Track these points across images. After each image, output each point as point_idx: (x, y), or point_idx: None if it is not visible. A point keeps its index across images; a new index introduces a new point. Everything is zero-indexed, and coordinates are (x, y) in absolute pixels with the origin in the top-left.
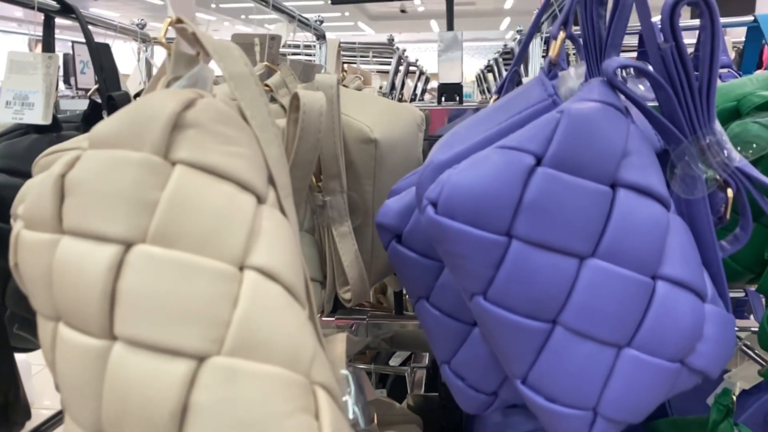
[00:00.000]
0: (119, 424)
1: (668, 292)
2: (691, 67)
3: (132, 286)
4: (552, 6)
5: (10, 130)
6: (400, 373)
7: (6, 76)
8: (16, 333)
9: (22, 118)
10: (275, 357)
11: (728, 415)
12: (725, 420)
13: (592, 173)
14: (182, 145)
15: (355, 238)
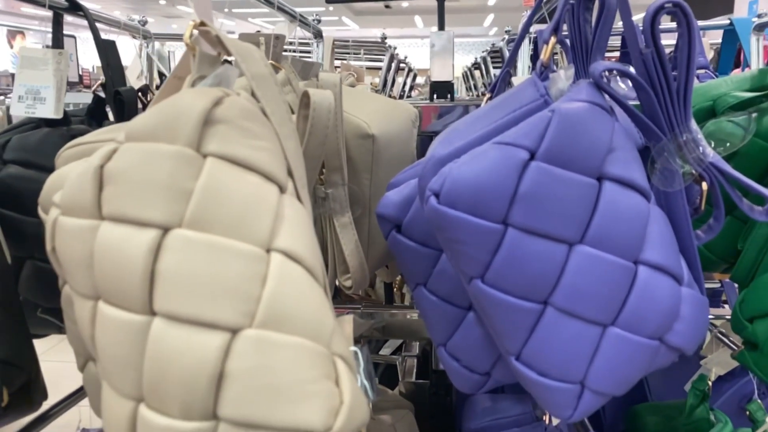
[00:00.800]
0: (160, 391)
1: (649, 276)
2: (669, 70)
3: (170, 266)
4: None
5: (21, 124)
6: (392, 362)
7: (18, 71)
8: (39, 317)
9: (34, 112)
10: (300, 329)
11: (704, 400)
12: (701, 404)
13: (580, 167)
14: (213, 139)
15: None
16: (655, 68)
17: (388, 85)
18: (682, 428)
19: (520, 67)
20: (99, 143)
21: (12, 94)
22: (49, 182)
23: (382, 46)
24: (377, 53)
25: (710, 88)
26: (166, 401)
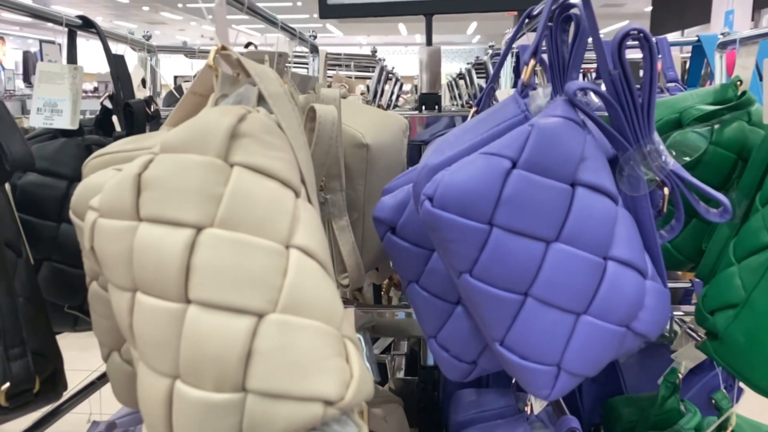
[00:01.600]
0: (195, 368)
1: (616, 270)
2: (634, 89)
3: (203, 260)
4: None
5: (39, 134)
6: (381, 360)
7: (36, 85)
8: (66, 312)
9: (52, 123)
10: (316, 314)
11: (675, 392)
12: (672, 396)
13: (556, 174)
14: (238, 150)
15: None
16: (621, 87)
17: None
18: (655, 418)
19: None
20: (122, 153)
21: (31, 106)
22: (81, 189)
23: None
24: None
25: (677, 101)
26: (201, 377)
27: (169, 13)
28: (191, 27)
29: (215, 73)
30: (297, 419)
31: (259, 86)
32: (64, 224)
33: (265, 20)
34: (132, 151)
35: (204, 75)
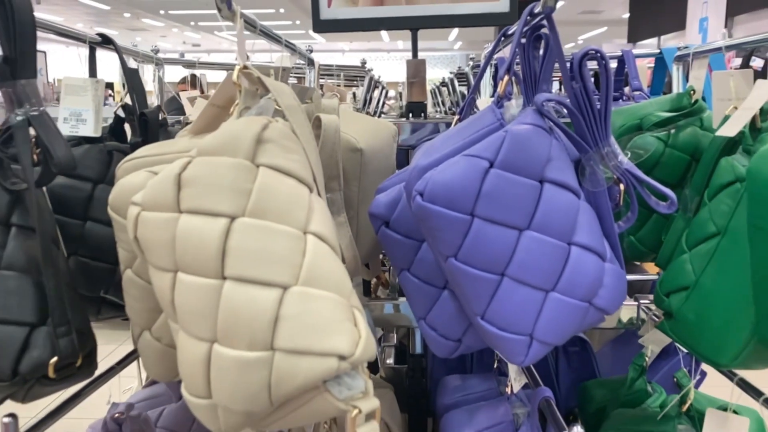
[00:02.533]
0: (231, 333)
1: (579, 254)
2: (593, 100)
3: (237, 244)
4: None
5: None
6: None
7: (62, 97)
8: (90, 301)
9: (77, 131)
10: (330, 287)
11: (642, 374)
12: (640, 377)
13: (526, 172)
14: (263, 153)
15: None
16: (582, 99)
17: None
18: (624, 398)
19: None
20: (150, 157)
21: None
22: (118, 189)
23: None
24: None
25: (638, 109)
26: (236, 339)
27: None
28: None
29: (238, 89)
30: (316, 371)
31: (276, 99)
32: (89, 222)
33: (273, 40)
34: (159, 156)
35: (223, 89)
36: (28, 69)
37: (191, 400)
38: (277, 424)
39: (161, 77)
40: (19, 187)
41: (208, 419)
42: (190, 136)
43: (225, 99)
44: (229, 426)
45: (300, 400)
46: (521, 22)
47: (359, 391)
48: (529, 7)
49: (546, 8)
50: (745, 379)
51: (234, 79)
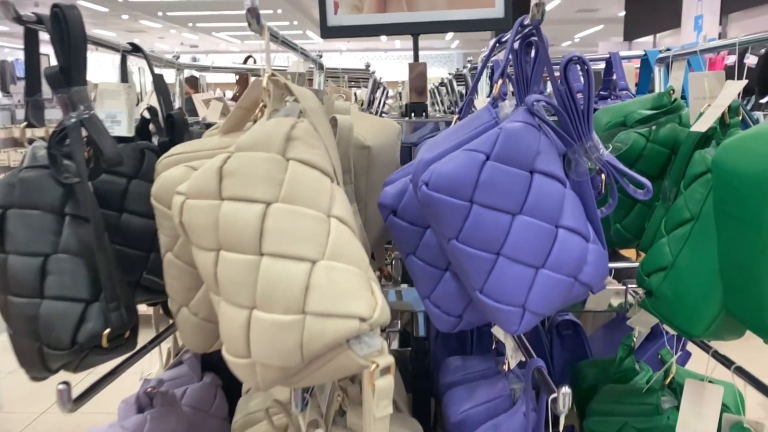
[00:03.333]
0: (268, 300)
1: (565, 235)
2: (577, 100)
3: (272, 225)
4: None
5: None
6: None
7: (98, 101)
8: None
9: (112, 131)
10: (351, 261)
11: (630, 353)
12: (629, 357)
13: (518, 164)
14: (292, 149)
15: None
16: (567, 99)
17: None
18: (614, 376)
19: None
20: (186, 154)
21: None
22: (161, 182)
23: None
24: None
25: (623, 107)
26: (273, 305)
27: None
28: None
29: (267, 94)
30: (341, 331)
31: (301, 103)
32: (125, 214)
33: (291, 48)
34: (194, 152)
35: (249, 94)
36: (80, 77)
37: (232, 360)
38: (306, 380)
39: (182, 81)
40: (71, 181)
41: (247, 376)
42: (220, 135)
43: (251, 102)
44: (265, 381)
45: (327, 356)
46: (513, 31)
47: (377, 349)
48: (520, 19)
49: (534, 21)
50: (718, 351)
51: (264, 85)
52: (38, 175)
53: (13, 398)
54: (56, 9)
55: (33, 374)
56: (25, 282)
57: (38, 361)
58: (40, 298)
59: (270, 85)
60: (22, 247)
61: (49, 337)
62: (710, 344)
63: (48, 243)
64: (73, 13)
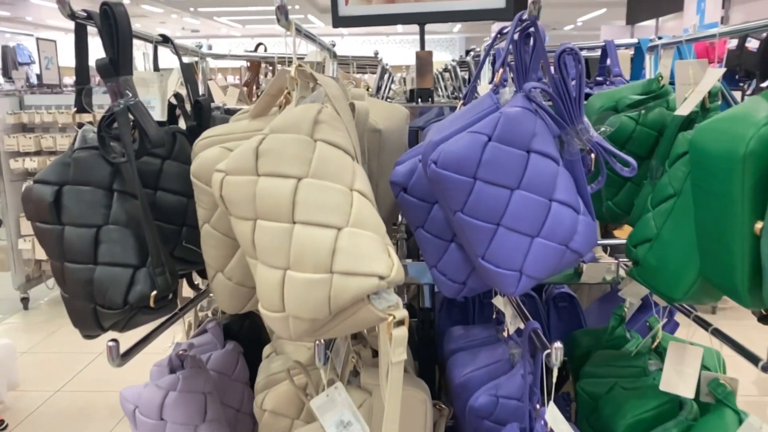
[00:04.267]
0: (300, 262)
1: (558, 208)
2: (570, 87)
3: (303, 198)
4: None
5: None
6: None
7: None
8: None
9: None
10: (371, 228)
11: (622, 322)
12: (620, 326)
13: (517, 145)
14: (319, 131)
15: None
16: (560, 87)
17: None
18: (606, 344)
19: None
20: (219, 136)
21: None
22: (199, 161)
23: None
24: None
25: (615, 93)
26: (304, 266)
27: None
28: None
29: (296, 82)
30: (363, 287)
31: (325, 90)
32: (160, 192)
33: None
34: (227, 135)
35: (276, 82)
36: (126, 68)
37: (268, 315)
38: (332, 332)
39: (204, 69)
40: (119, 161)
41: (281, 328)
42: (249, 119)
43: (277, 89)
44: (297, 332)
45: (350, 310)
46: (513, 24)
47: (393, 303)
48: (520, 14)
49: (531, 16)
50: (699, 315)
51: (292, 75)
52: (89, 155)
53: (29, 377)
54: (105, 6)
55: (86, 333)
56: (81, 250)
57: (92, 321)
58: (94, 264)
59: (298, 75)
60: (77, 219)
61: (103, 299)
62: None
63: (99, 215)
64: (120, 9)
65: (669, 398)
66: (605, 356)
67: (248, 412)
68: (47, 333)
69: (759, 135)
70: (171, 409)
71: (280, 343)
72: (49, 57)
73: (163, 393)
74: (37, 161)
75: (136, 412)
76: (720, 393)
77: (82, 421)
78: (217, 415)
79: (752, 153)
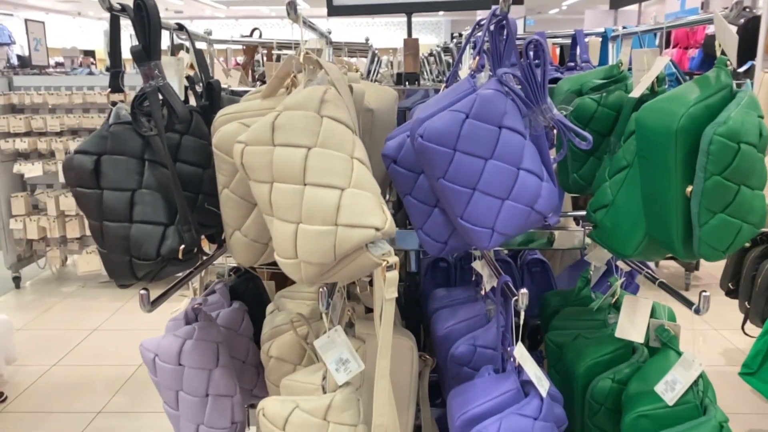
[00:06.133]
0: (310, 216)
1: (524, 176)
2: (536, 73)
3: (313, 164)
4: (476, 30)
5: None
6: None
7: None
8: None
9: None
10: (369, 189)
11: (587, 284)
12: (586, 287)
13: (490, 121)
14: (325, 108)
15: None
16: (528, 72)
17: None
18: (573, 303)
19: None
20: (235, 113)
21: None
22: (220, 135)
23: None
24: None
25: (581, 77)
26: (314, 220)
27: None
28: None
29: (304, 67)
30: (362, 237)
31: (329, 74)
32: (178, 163)
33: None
34: (242, 112)
35: (284, 67)
36: (156, 53)
37: (283, 261)
38: (336, 276)
39: (212, 53)
40: (150, 134)
41: (293, 272)
42: (261, 99)
43: (284, 73)
44: (307, 275)
45: (352, 256)
46: (488, 18)
47: (387, 251)
48: (493, 9)
49: (502, 12)
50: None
51: (301, 61)
52: (123, 129)
53: (25, 353)
54: (139, 0)
55: (121, 282)
56: (118, 210)
57: (128, 271)
58: (130, 223)
59: (305, 60)
60: (114, 184)
61: (139, 252)
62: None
63: (134, 181)
64: (151, 2)
65: (623, 344)
66: (571, 312)
67: (253, 364)
68: (40, 311)
69: (689, 113)
70: (188, 355)
71: (281, 301)
72: (38, 38)
73: (180, 341)
74: (27, 142)
75: (156, 359)
76: (665, 337)
77: (79, 393)
78: (228, 361)
79: (682, 128)
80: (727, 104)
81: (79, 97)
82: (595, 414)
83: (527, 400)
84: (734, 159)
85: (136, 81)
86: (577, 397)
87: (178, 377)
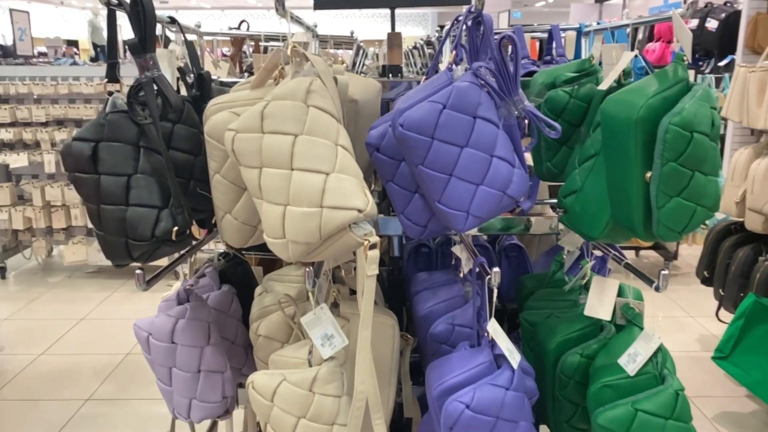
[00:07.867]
0: (297, 199)
1: (497, 163)
2: (509, 66)
3: (299, 150)
4: (455, 26)
5: None
6: None
7: None
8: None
9: None
10: (352, 174)
11: (561, 267)
12: (559, 270)
13: (465, 112)
14: (311, 98)
15: None
16: (500, 66)
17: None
18: (548, 285)
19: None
20: (226, 103)
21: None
22: (211, 123)
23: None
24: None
25: (554, 70)
26: (300, 202)
27: None
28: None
29: (292, 60)
30: (346, 218)
31: (315, 66)
32: (171, 150)
33: (301, 25)
34: (232, 102)
35: (272, 59)
36: (150, 46)
37: (272, 241)
38: (322, 255)
39: (202, 45)
40: (145, 122)
41: (281, 251)
42: (250, 89)
43: (272, 65)
44: (295, 254)
45: (336, 236)
46: (464, 15)
47: (369, 231)
48: (469, 6)
49: (476, 10)
50: (617, 254)
51: (289, 54)
52: (120, 117)
53: (12, 342)
54: None
55: (117, 262)
56: (115, 194)
57: (124, 251)
58: (126, 206)
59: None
60: (111, 169)
61: (134, 233)
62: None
63: (129, 166)
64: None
65: (592, 322)
66: (545, 294)
67: (241, 344)
68: (26, 301)
69: (647, 104)
70: (181, 334)
71: (270, 283)
72: (23, 28)
73: (173, 320)
74: (13, 132)
75: (149, 338)
76: (630, 314)
77: (67, 381)
78: (219, 340)
79: (641, 118)
80: (683, 96)
81: (65, 87)
82: (564, 387)
83: (500, 372)
84: (688, 146)
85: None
86: (548, 371)
87: (171, 354)
